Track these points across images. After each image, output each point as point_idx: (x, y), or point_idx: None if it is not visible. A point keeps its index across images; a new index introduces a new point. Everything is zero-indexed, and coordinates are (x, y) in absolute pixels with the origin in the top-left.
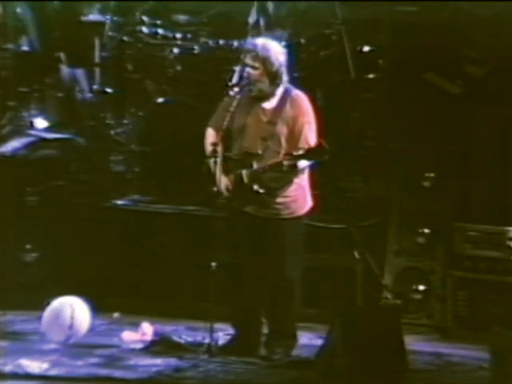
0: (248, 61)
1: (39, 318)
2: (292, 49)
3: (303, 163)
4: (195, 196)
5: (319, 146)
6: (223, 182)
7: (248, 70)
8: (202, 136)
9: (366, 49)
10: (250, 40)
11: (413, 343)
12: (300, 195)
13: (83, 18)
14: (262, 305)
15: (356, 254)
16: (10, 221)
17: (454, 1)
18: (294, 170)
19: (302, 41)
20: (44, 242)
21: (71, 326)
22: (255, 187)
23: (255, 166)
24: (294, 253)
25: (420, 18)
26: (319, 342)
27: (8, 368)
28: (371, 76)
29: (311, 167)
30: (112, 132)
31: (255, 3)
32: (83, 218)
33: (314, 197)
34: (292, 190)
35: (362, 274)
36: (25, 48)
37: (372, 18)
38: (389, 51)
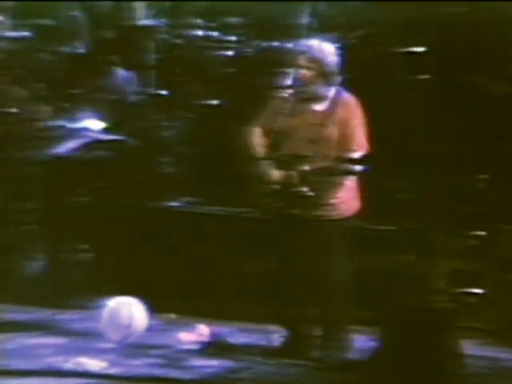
0: (302, 62)
1: (96, 317)
2: (342, 50)
3: (357, 167)
4: (245, 198)
5: (371, 150)
6: (275, 174)
7: (302, 71)
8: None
9: (415, 50)
10: (303, 41)
11: (465, 347)
12: (348, 197)
13: (136, 23)
14: (313, 307)
15: (407, 257)
16: (65, 221)
17: (503, 1)
18: (347, 173)
19: (352, 41)
20: (101, 243)
21: (129, 326)
22: (304, 189)
23: (304, 168)
24: (342, 255)
25: (467, 18)
26: (371, 344)
27: (68, 365)
28: (420, 77)
29: (362, 169)
30: (163, 134)
31: (306, 4)
32: (137, 219)
33: (362, 199)
34: (341, 192)
35: (414, 277)
36: (78, 50)
37: (419, 18)
38: (437, 52)
